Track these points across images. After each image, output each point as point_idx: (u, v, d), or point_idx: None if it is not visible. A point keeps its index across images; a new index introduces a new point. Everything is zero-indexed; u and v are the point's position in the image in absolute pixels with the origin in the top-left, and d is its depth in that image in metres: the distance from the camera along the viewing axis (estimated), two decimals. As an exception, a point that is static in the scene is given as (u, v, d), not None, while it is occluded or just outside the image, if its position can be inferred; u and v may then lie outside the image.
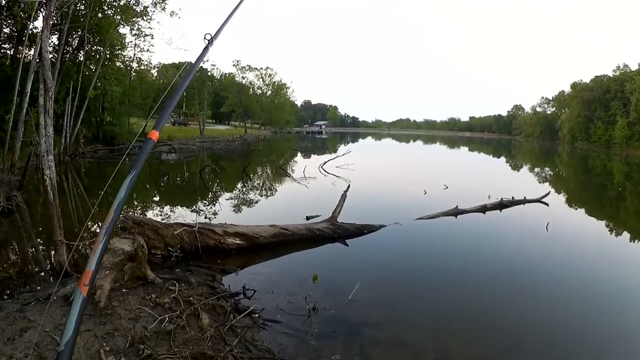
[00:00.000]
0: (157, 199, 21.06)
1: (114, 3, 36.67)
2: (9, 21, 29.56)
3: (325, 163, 33.88)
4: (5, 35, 30.83)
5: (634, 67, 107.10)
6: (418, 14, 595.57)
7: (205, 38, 4.63)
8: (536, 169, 51.01)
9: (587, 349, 7.70)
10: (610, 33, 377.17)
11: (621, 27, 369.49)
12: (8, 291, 8.14)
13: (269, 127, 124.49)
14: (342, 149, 64.77)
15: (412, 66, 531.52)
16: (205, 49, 4.66)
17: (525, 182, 34.94)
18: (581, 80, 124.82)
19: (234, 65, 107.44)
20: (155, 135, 3.66)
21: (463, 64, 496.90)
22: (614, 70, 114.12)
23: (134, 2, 38.15)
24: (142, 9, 39.39)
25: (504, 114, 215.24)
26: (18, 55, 27.90)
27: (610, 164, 59.91)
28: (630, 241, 16.68)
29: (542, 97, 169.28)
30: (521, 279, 11.01)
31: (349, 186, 19.01)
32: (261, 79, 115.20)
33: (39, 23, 27.63)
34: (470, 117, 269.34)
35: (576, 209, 24.24)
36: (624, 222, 20.46)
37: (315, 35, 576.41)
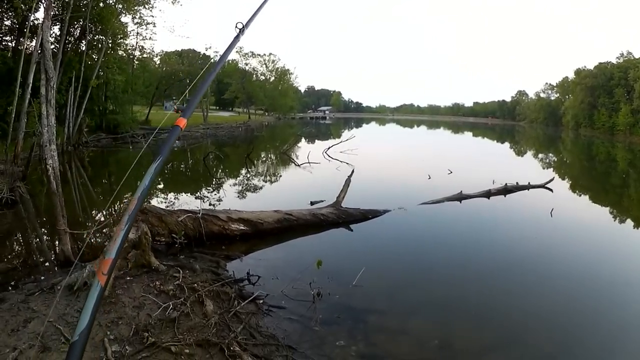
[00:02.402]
0: (160, 186, 21.06)
1: (116, -8, 36.52)
2: (10, 13, 29.47)
3: (329, 148, 33.83)
4: (7, 28, 30.76)
5: (637, 55, 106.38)
6: (422, 2, 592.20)
7: (236, 27, 4.32)
8: (540, 155, 50.92)
9: (589, 338, 7.70)
10: (614, 20, 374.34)
11: (625, 15, 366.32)
12: (12, 282, 8.15)
13: (273, 113, 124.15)
14: (346, 134, 64.67)
15: (415, 52, 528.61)
16: (236, 38, 4.39)
17: (529, 167, 35.00)
18: (585, 66, 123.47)
19: (237, 51, 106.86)
20: (182, 122, 3.50)
21: (467, 49, 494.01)
22: (617, 58, 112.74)
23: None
24: (144, -3, 39.25)
25: (508, 99, 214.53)
26: (19, 47, 27.83)
27: (614, 151, 59.55)
28: (635, 228, 16.65)
29: (546, 83, 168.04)
30: (525, 266, 11.00)
31: (353, 171, 19.02)
32: (264, 65, 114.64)
33: (40, 14, 27.51)
34: (474, 103, 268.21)
35: (580, 195, 24.21)
36: (627, 209, 20.43)
37: (319, 22, 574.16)
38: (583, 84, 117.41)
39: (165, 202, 16.32)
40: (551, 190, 21.07)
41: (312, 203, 15.26)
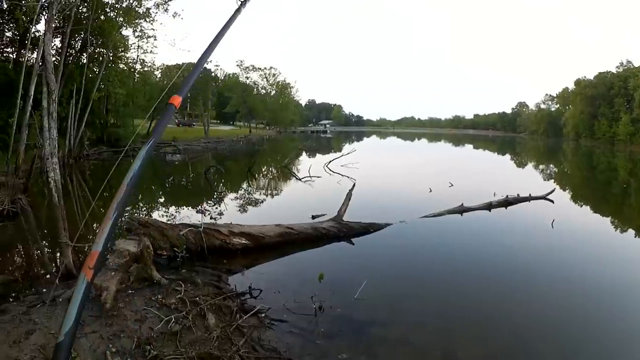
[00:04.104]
0: (162, 200, 21.05)
1: (117, 5, 36.70)
2: (11, 25, 29.62)
3: (330, 162, 33.91)
4: (8, 39, 30.91)
5: (637, 64, 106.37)
6: (420, 14, 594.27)
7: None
8: (541, 166, 50.84)
9: (592, 347, 7.67)
10: (613, 30, 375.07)
11: (624, 24, 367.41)
12: (14, 294, 8.14)
13: (274, 127, 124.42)
14: (346, 147, 64.71)
15: (416, 65, 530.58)
16: (237, 11, 4.34)
17: (530, 179, 34.92)
18: (585, 76, 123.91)
19: (237, 65, 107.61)
20: (177, 100, 3.45)
21: (466, 61, 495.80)
22: (617, 67, 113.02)
23: (137, 4, 38.18)
24: (144, 10, 39.43)
25: (508, 111, 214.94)
26: (21, 59, 27.95)
27: (615, 161, 59.70)
28: (636, 237, 16.60)
29: (546, 94, 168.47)
30: (527, 277, 10.99)
31: (354, 185, 19.06)
32: (265, 79, 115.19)
33: (41, 26, 27.65)
34: (474, 115, 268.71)
35: (581, 206, 24.18)
36: (629, 219, 20.40)
37: (321, 36, 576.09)
38: (583, 94, 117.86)
39: (167, 216, 16.30)
40: (552, 201, 21.04)
41: (313, 217, 15.24)
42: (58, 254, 10.50)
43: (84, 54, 34.89)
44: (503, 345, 7.49)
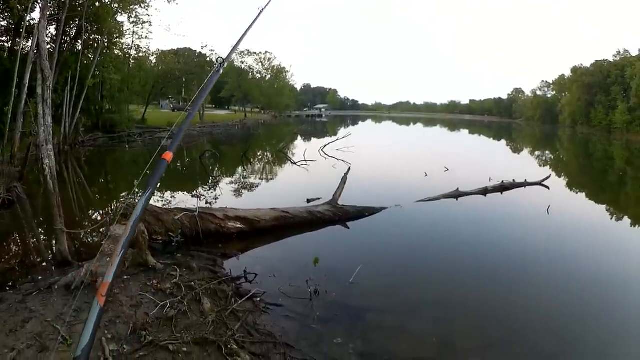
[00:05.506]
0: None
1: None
2: (6, 14, 29.40)
3: (325, 146, 33.83)
4: (3, 28, 30.67)
5: (634, 53, 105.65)
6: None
7: (216, 62, 4.74)
8: (537, 153, 50.80)
9: (588, 335, 7.72)
10: (610, 18, 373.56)
11: (622, 12, 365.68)
12: (10, 282, 8.14)
13: (269, 112, 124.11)
14: (342, 132, 64.67)
15: (412, 50, 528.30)
16: (217, 72, 4.70)
17: (526, 165, 34.95)
18: (581, 64, 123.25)
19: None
20: (169, 156, 3.70)
21: (463, 47, 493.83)
22: (614, 56, 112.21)
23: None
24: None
25: (504, 97, 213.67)
26: (16, 48, 27.74)
27: (611, 149, 59.41)
28: (631, 226, 16.64)
29: (543, 81, 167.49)
30: (522, 263, 11.05)
31: (349, 169, 19.04)
32: (260, 63, 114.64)
33: (36, 14, 27.48)
34: (470, 100, 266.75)
35: (577, 193, 24.26)
36: (624, 207, 20.44)
37: (315, 20, 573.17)
38: (580, 81, 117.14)
39: (162, 201, 16.28)
40: (548, 187, 21.07)
41: (308, 201, 15.26)
42: (54, 242, 10.49)
43: (79, 41, 34.61)
44: (500, 333, 7.53)
